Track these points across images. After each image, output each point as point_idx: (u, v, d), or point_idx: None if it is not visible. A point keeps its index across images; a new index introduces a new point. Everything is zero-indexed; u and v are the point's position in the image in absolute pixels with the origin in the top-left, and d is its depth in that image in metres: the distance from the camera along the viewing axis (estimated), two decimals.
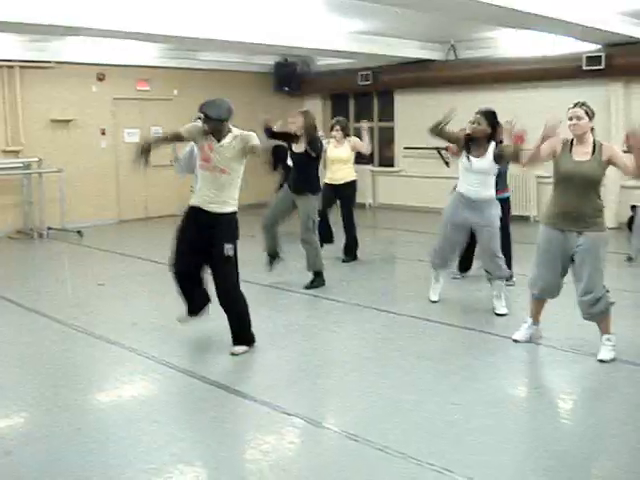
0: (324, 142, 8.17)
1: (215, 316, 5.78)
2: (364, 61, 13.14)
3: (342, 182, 8.84)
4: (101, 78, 12.58)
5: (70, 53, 11.73)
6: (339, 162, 8.85)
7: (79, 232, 11.28)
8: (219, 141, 5.40)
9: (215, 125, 5.35)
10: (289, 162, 8.06)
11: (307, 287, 7.55)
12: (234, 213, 5.50)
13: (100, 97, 12.56)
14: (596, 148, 5.10)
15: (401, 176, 14.23)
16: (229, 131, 5.42)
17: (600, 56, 10.76)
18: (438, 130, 6.41)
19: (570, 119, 5.08)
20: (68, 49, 11.59)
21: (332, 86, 14.82)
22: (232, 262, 5.45)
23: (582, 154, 5.11)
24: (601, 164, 5.07)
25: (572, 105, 5.11)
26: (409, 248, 10.09)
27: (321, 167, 7.94)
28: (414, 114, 13.83)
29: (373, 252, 9.67)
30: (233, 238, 5.47)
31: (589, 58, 10.86)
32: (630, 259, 8.55)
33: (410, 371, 5.16)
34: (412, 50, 12.44)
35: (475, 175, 6.42)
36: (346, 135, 9.03)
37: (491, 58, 12.30)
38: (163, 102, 13.06)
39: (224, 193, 5.43)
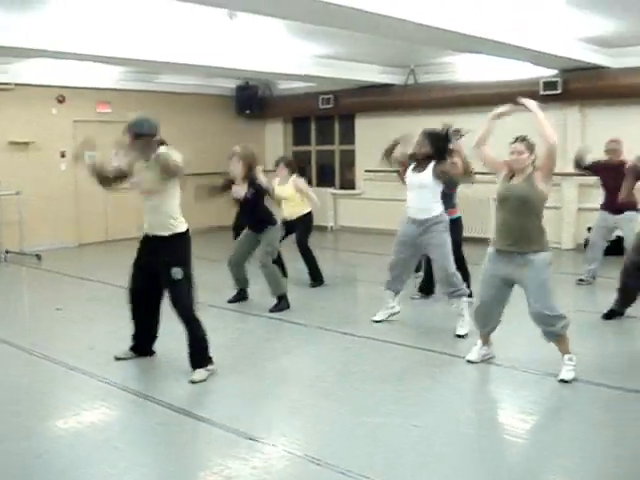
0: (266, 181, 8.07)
1: (174, 341, 5.75)
2: (325, 85, 13.24)
3: (294, 217, 8.83)
4: (61, 100, 12.49)
5: (30, 75, 11.63)
6: (284, 199, 8.84)
7: (38, 256, 11.14)
8: (145, 162, 5.43)
9: (144, 143, 5.38)
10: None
11: (271, 310, 7.54)
12: (180, 235, 5.42)
13: (60, 119, 12.46)
14: (532, 173, 5.24)
15: (362, 199, 14.31)
16: (154, 151, 5.39)
17: (557, 81, 10.98)
18: (387, 154, 6.93)
19: (512, 153, 5.26)
20: (28, 71, 11.49)
21: (293, 109, 14.90)
22: (183, 284, 5.39)
23: (517, 180, 5.28)
24: (533, 185, 5.18)
25: (513, 140, 5.29)
26: (370, 270, 10.12)
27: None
28: (375, 137, 13.92)
29: (335, 275, 9.69)
30: (180, 260, 5.41)
31: (546, 83, 11.07)
32: (581, 281, 8.68)
33: (372, 393, 5.17)
34: (373, 74, 12.58)
35: (415, 191, 6.57)
36: (292, 172, 8.89)
37: (450, 82, 12.48)
38: (124, 125, 12.97)
39: (160, 216, 5.41)
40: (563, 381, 5.23)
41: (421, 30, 7.22)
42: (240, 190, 7.51)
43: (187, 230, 5.49)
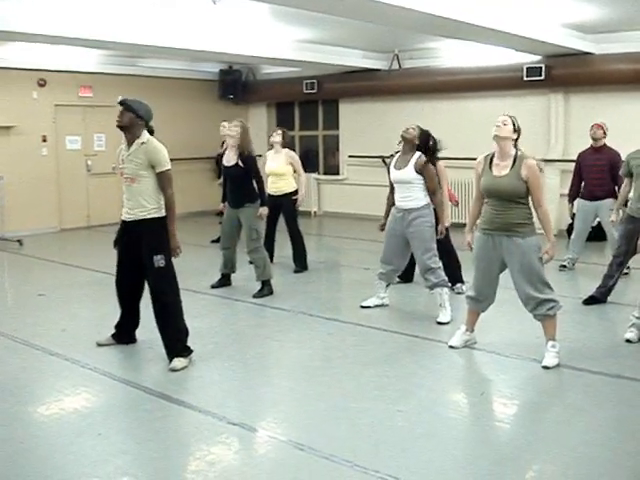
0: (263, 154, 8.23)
1: (155, 328, 5.72)
2: (309, 70, 13.20)
3: (280, 194, 8.77)
4: (42, 84, 12.36)
5: (10, 58, 11.51)
6: (274, 175, 8.83)
7: (19, 241, 11.05)
8: (129, 147, 5.39)
9: (131, 119, 5.32)
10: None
11: (255, 296, 7.53)
12: (157, 219, 5.37)
13: (41, 103, 12.33)
14: (516, 161, 5.22)
15: (346, 184, 14.31)
16: (139, 136, 5.36)
17: (540, 67, 10.99)
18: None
19: (497, 125, 5.24)
20: (8, 54, 11.37)
21: (277, 94, 14.84)
22: (166, 272, 5.37)
23: (501, 168, 5.26)
24: (520, 178, 5.18)
25: (503, 114, 5.32)
26: (354, 256, 10.14)
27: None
28: (359, 123, 13.95)
29: (319, 260, 9.68)
30: (161, 247, 5.38)
31: (529, 69, 11.08)
32: (563, 267, 8.73)
33: (355, 379, 5.18)
34: (357, 59, 12.55)
35: (399, 185, 6.62)
36: (285, 146, 8.95)
37: (434, 68, 12.47)
38: (106, 109, 12.86)
39: (140, 201, 5.36)
40: (546, 368, 5.27)
41: (404, 14, 7.20)
42: (231, 158, 7.61)
43: (165, 217, 5.42)
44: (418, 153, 6.55)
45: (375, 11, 7.12)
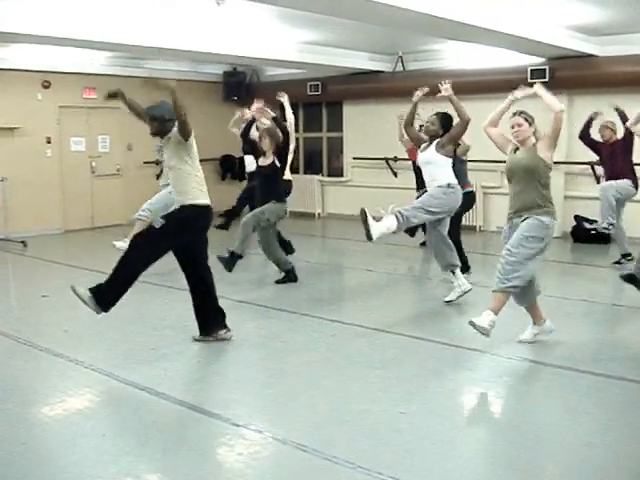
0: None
1: (160, 329, 5.73)
2: (313, 71, 13.20)
3: None
4: (46, 86, 12.39)
5: (15, 60, 11.55)
6: None
7: (23, 242, 11.06)
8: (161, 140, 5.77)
9: (160, 125, 5.63)
10: (248, 168, 8.27)
11: (218, 257, 7.74)
12: (185, 207, 5.60)
13: (46, 105, 12.36)
14: (534, 146, 5.55)
15: (350, 186, 14.29)
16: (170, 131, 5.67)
17: (544, 69, 10.99)
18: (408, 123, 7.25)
19: (512, 127, 5.60)
20: (13, 56, 11.40)
21: None
22: (154, 234, 5.59)
23: (522, 152, 5.61)
24: (537, 156, 5.46)
25: (512, 115, 5.65)
26: (358, 258, 10.13)
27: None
28: (363, 124, 13.94)
29: (322, 262, 9.69)
30: (172, 218, 5.63)
31: (533, 71, 11.07)
32: (619, 262, 8.80)
33: (358, 380, 5.18)
34: (361, 61, 12.55)
35: (424, 169, 7.01)
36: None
37: (438, 70, 12.45)
38: (110, 110, 12.89)
39: (179, 187, 5.66)
40: (472, 323, 5.45)
41: (407, 16, 7.20)
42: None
43: (200, 206, 5.65)
44: (437, 140, 6.93)
45: (376, 12, 7.12)
